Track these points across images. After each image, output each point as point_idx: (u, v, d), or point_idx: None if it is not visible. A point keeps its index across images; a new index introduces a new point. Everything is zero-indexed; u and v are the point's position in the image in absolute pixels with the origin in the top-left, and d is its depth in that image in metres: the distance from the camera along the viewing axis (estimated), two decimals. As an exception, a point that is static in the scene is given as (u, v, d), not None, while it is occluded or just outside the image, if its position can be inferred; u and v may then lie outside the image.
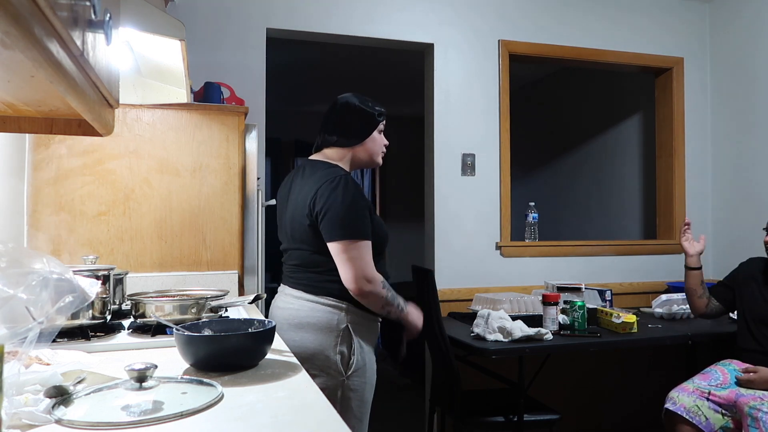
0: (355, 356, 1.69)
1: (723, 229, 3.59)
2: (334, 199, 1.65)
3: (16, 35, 0.54)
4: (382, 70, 4.95)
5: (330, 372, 1.66)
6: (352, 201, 1.66)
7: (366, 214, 1.68)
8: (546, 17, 3.41)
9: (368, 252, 1.66)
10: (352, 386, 1.68)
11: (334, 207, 1.65)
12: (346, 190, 1.66)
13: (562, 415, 2.54)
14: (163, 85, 1.98)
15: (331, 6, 3.06)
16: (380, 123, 1.84)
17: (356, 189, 1.69)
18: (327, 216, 1.65)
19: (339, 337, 1.68)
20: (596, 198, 4.72)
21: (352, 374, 1.68)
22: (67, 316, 0.93)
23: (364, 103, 1.82)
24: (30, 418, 0.80)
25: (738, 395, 2.29)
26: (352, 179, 1.72)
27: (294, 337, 1.66)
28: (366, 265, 1.64)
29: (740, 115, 3.46)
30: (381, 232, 1.75)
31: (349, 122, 1.80)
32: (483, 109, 3.30)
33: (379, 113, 1.83)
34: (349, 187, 1.67)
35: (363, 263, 1.64)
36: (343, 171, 1.74)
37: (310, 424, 0.85)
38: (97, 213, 1.97)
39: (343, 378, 1.67)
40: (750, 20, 3.39)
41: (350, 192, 1.66)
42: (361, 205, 1.68)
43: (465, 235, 3.25)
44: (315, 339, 1.67)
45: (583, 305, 2.59)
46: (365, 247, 1.65)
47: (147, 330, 1.40)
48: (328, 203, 1.65)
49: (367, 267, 1.64)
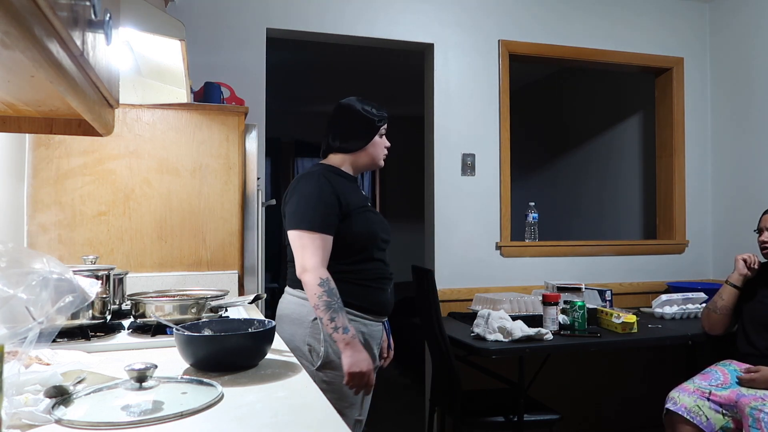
0: (323, 349, 1.70)
1: (723, 229, 3.59)
2: (294, 191, 1.75)
3: (16, 35, 0.54)
4: (382, 70, 4.95)
5: (303, 363, 1.67)
6: (309, 194, 1.71)
7: (322, 209, 1.69)
8: (546, 17, 3.41)
9: (316, 244, 1.67)
10: (325, 378, 1.70)
11: (293, 199, 1.74)
12: (307, 184, 1.73)
13: (562, 415, 2.54)
14: (163, 85, 1.98)
15: (331, 6, 3.06)
16: (381, 127, 1.86)
17: (320, 183, 1.71)
18: (287, 207, 1.77)
19: (309, 329, 1.71)
20: (596, 198, 4.72)
21: (322, 367, 1.70)
22: (67, 316, 0.93)
23: (366, 108, 1.84)
24: (30, 418, 0.80)
25: (739, 395, 2.29)
26: (324, 175, 1.74)
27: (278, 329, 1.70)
28: (310, 257, 1.66)
29: (740, 115, 3.46)
30: (364, 231, 1.76)
31: (350, 128, 1.84)
32: (483, 109, 3.30)
33: (380, 118, 1.85)
34: (312, 181, 1.72)
35: (308, 254, 1.66)
36: (320, 168, 1.79)
37: (310, 423, 0.85)
38: (97, 213, 1.97)
39: (313, 369, 1.70)
40: (749, 20, 3.39)
41: (311, 185, 1.72)
42: (320, 198, 1.70)
43: (465, 235, 3.25)
44: (289, 330, 1.74)
45: (583, 305, 2.59)
46: (314, 239, 1.67)
47: (147, 330, 1.40)
48: (290, 195, 1.76)
49: (309, 258, 1.66)
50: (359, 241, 1.75)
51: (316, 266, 1.65)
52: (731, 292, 2.53)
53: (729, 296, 2.53)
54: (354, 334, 1.65)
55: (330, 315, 1.63)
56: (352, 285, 1.75)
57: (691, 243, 3.62)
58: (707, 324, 2.60)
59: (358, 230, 1.74)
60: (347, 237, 1.73)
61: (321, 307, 1.63)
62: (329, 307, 1.63)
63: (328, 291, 1.64)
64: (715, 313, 2.56)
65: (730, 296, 2.53)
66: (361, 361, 1.64)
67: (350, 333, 1.64)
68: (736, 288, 2.52)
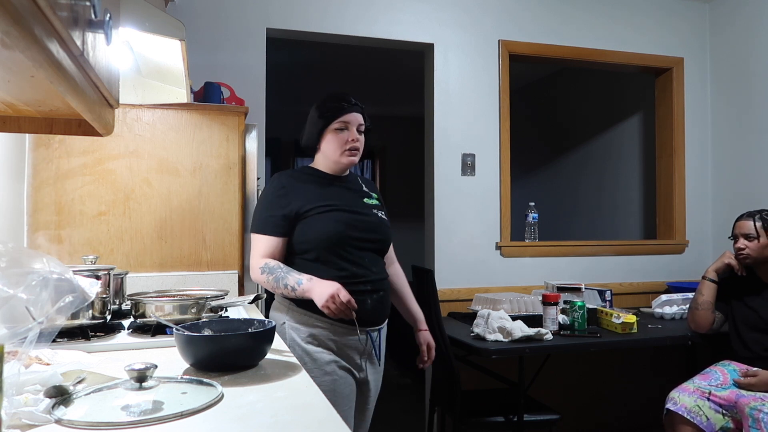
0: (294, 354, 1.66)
1: (723, 229, 3.58)
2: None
3: (16, 35, 0.54)
4: (382, 70, 4.95)
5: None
6: (260, 197, 1.82)
7: (267, 212, 1.74)
8: (546, 17, 3.41)
9: (259, 245, 1.74)
10: None
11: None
12: (264, 188, 1.84)
13: (562, 415, 2.54)
14: (163, 85, 1.98)
15: (331, 6, 3.06)
16: (331, 123, 1.76)
17: (271, 187, 1.77)
18: None
19: (282, 333, 1.72)
20: (596, 198, 4.72)
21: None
22: (67, 316, 0.93)
23: (321, 104, 1.80)
24: (30, 418, 0.80)
25: (738, 396, 2.29)
26: (281, 178, 1.79)
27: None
28: (253, 256, 1.75)
29: (740, 115, 3.46)
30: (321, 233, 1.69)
31: (306, 128, 1.85)
32: (483, 109, 3.30)
33: (330, 113, 1.75)
34: (269, 185, 1.80)
35: (252, 255, 1.76)
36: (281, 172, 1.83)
37: (310, 423, 0.85)
38: (97, 213, 1.97)
39: None
40: (749, 20, 3.39)
41: (265, 189, 1.82)
42: (264, 202, 1.76)
43: (465, 235, 3.25)
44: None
45: (583, 305, 2.59)
46: (258, 240, 1.75)
47: (147, 330, 1.40)
48: None
49: (252, 258, 1.75)
50: (319, 245, 1.69)
51: (256, 262, 1.73)
52: (709, 286, 2.56)
53: (708, 291, 2.56)
54: (310, 277, 1.65)
55: (283, 284, 1.66)
56: None
57: (691, 243, 3.62)
58: (692, 323, 2.61)
59: (315, 233, 1.70)
60: (306, 240, 1.71)
61: (272, 283, 1.68)
62: (278, 280, 1.67)
63: (269, 270, 1.69)
64: (697, 310, 2.58)
65: (708, 291, 2.56)
66: (324, 289, 1.59)
67: (304, 281, 1.64)
68: (713, 282, 2.56)
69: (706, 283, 2.57)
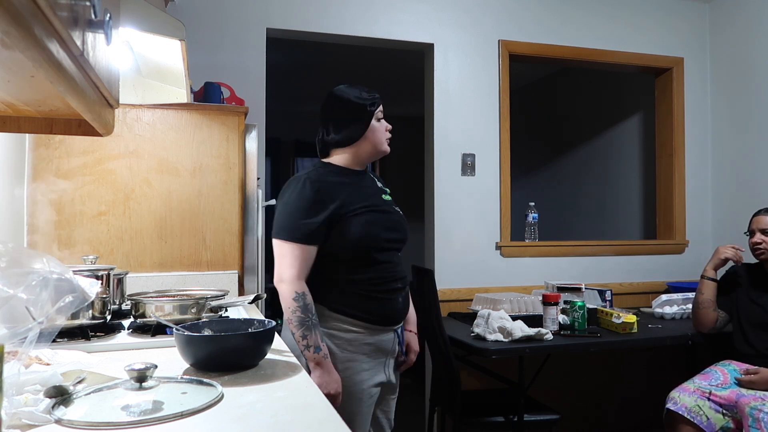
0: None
1: (723, 229, 3.59)
2: (281, 196, 1.69)
3: (16, 35, 0.54)
4: (382, 70, 4.95)
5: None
6: (291, 201, 1.63)
7: (303, 219, 1.60)
8: (546, 17, 3.41)
9: (295, 255, 1.60)
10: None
11: (277, 205, 1.69)
12: (292, 190, 1.65)
13: (562, 415, 2.54)
14: (163, 85, 1.98)
15: (331, 6, 3.06)
16: (376, 110, 1.75)
17: (303, 190, 1.62)
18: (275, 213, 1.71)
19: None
20: (596, 198, 4.72)
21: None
22: (67, 316, 0.93)
23: (356, 93, 1.74)
24: (30, 418, 0.80)
25: (739, 395, 2.29)
26: (310, 180, 1.64)
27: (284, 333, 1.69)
28: (287, 267, 1.60)
29: (740, 115, 3.46)
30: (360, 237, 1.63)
31: (344, 117, 1.73)
32: (483, 109, 3.30)
33: (372, 102, 1.74)
34: (297, 187, 1.63)
35: (285, 264, 1.61)
36: (311, 171, 1.69)
37: (310, 423, 0.85)
38: (97, 213, 1.97)
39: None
40: (749, 20, 3.39)
41: (294, 192, 1.63)
42: (300, 207, 1.61)
43: (465, 235, 3.25)
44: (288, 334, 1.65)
45: (583, 305, 2.59)
46: (293, 249, 1.60)
47: (147, 330, 1.40)
48: (278, 200, 1.71)
49: (286, 269, 1.61)
50: (355, 248, 1.63)
51: (292, 278, 1.59)
52: (708, 284, 2.58)
53: (708, 289, 2.57)
54: (326, 354, 1.57)
55: (302, 332, 1.56)
56: (355, 296, 1.65)
57: (691, 243, 3.62)
58: (696, 322, 2.62)
59: (352, 236, 1.62)
60: (341, 244, 1.63)
61: (294, 322, 1.57)
62: (302, 324, 1.57)
63: (302, 306, 1.58)
64: (699, 309, 2.58)
65: (708, 289, 2.57)
66: (330, 382, 1.56)
67: (321, 353, 1.56)
68: (712, 280, 2.57)
69: (706, 281, 2.58)
